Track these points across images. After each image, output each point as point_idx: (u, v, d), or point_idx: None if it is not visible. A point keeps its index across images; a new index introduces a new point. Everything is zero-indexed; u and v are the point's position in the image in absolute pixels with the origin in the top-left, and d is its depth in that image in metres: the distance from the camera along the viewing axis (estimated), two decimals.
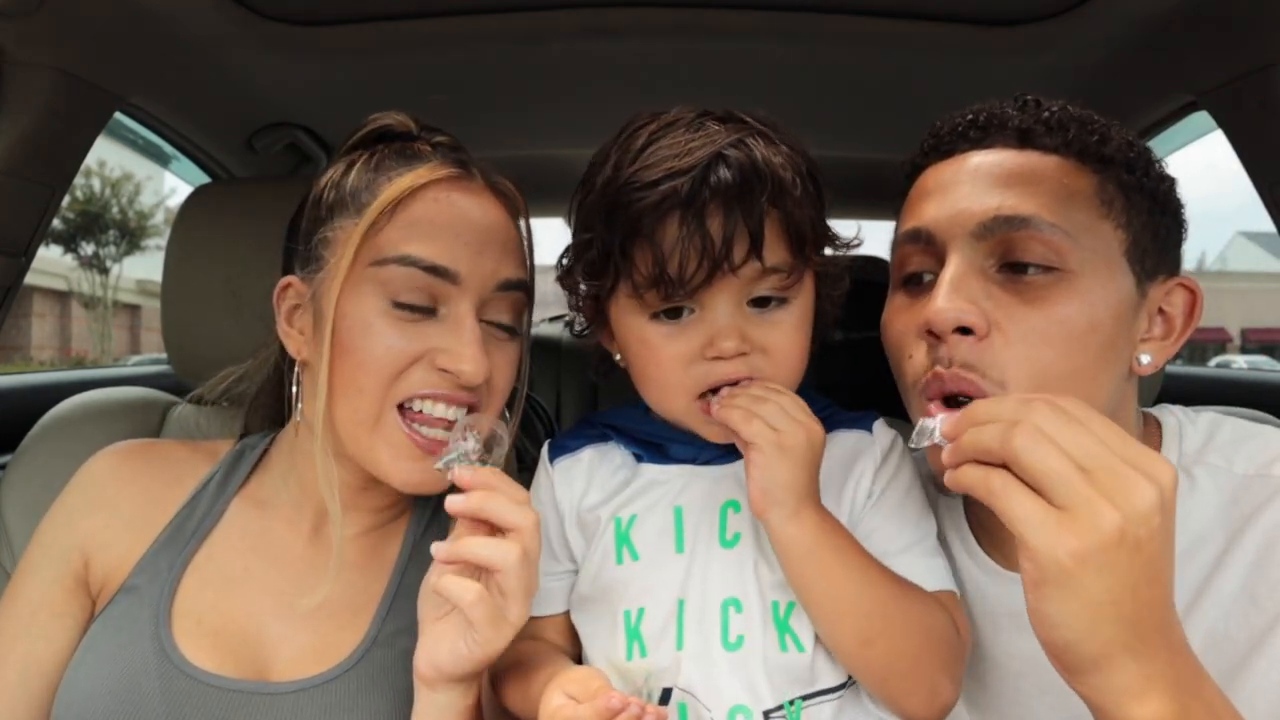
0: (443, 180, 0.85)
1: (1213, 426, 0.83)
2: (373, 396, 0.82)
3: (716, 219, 0.73)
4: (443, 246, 0.82)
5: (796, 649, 0.77)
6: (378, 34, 1.33)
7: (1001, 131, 0.79)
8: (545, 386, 2.16)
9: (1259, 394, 1.77)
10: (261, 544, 0.89)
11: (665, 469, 0.87)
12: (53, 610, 0.86)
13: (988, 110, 0.82)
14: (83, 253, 20.89)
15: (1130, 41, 1.25)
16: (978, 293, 0.76)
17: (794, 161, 0.77)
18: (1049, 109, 0.81)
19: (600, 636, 0.84)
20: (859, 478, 0.85)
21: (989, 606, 0.85)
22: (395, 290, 0.82)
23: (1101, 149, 0.77)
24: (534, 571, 0.73)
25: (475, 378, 0.81)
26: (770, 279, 0.77)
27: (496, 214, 0.88)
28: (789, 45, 1.36)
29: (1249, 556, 0.74)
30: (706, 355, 0.78)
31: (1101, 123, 0.80)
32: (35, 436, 1.12)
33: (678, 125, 0.77)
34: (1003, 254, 0.76)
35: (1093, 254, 0.75)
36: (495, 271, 0.85)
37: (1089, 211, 0.76)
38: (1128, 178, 0.78)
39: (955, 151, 0.81)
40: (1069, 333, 0.74)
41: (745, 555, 0.80)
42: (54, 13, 1.04)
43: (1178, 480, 0.57)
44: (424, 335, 0.82)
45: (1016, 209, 0.75)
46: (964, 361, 0.75)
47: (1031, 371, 0.74)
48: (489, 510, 0.72)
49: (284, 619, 0.85)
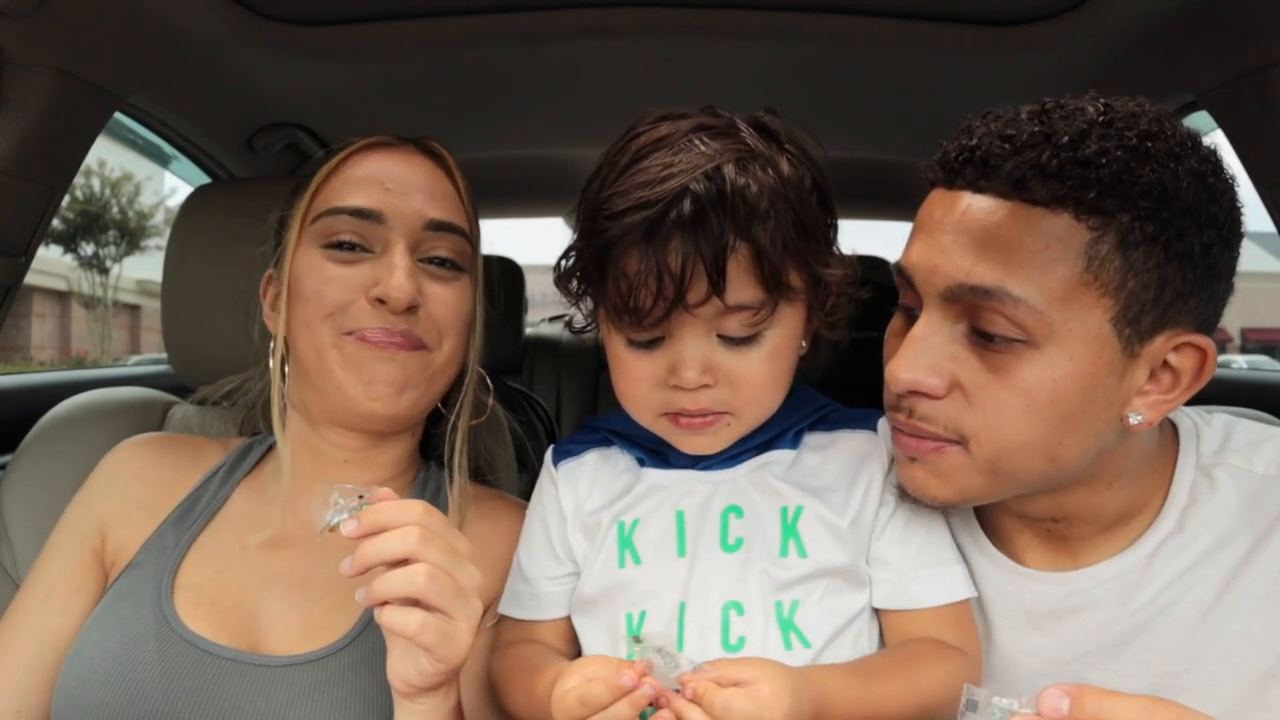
0: (368, 145, 0.96)
1: (1228, 428, 0.83)
2: (319, 328, 0.90)
3: (675, 256, 0.72)
4: (367, 193, 0.92)
5: (802, 645, 0.77)
6: (377, 34, 1.33)
7: (996, 174, 0.71)
8: (545, 386, 2.16)
9: (1259, 394, 1.77)
10: (258, 526, 0.93)
11: (667, 474, 0.87)
12: (69, 584, 0.90)
13: (995, 137, 0.72)
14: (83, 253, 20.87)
15: (1130, 41, 1.25)
16: (941, 354, 0.74)
17: (780, 186, 0.75)
18: (1060, 142, 0.69)
19: (601, 639, 0.84)
20: (868, 484, 0.84)
21: (1007, 605, 0.85)
22: (327, 235, 0.91)
23: (1093, 197, 0.67)
24: (456, 574, 0.70)
25: (401, 299, 0.87)
26: (738, 315, 0.75)
27: (422, 165, 0.96)
28: (789, 45, 1.36)
29: (1275, 561, 0.74)
30: (669, 383, 0.78)
31: (1120, 156, 0.67)
32: (35, 436, 1.12)
33: (665, 143, 0.76)
34: (970, 319, 0.73)
35: (1065, 325, 0.69)
36: (420, 212, 0.93)
37: (1070, 280, 0.68)
38: (1139, 232, 0.67)
39: (955, 184, 0.74)
40: (1029, 404, 0.71)
41: (747, 560, 0.80)
42: (54, 13, 1.04)
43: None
44: (358, 273, 0.90)
45: (983, 279, 0.70)
46: (922, 415, 0.75)
47: (990, 436, 0.73)
48: (370, 558, 0.69)
49: (280, 597, 0.88)
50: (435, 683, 0.72)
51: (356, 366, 0.89)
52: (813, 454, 0.87)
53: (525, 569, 0.90)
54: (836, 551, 0.80)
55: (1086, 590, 0.80)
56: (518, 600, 0.90)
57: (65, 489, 0.99)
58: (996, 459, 0.74)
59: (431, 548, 0.69)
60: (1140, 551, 0.79)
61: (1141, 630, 0.78)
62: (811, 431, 0.88)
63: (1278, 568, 0.74)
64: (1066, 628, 0.81)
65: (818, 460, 0.86)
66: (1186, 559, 0.78)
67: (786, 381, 0.83)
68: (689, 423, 0.81)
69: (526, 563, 0.91)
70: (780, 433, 0.87)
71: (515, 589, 0.91)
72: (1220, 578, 0.76)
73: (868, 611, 0.82)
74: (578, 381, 2.17)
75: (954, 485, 0.77)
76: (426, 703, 0.74)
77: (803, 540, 0.80)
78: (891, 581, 0.82)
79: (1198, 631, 0.76)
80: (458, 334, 0.95)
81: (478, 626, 0.72)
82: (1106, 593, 0.80)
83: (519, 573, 0.91)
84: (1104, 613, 0.79)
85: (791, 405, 0.87)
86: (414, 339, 0.90)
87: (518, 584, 0.91)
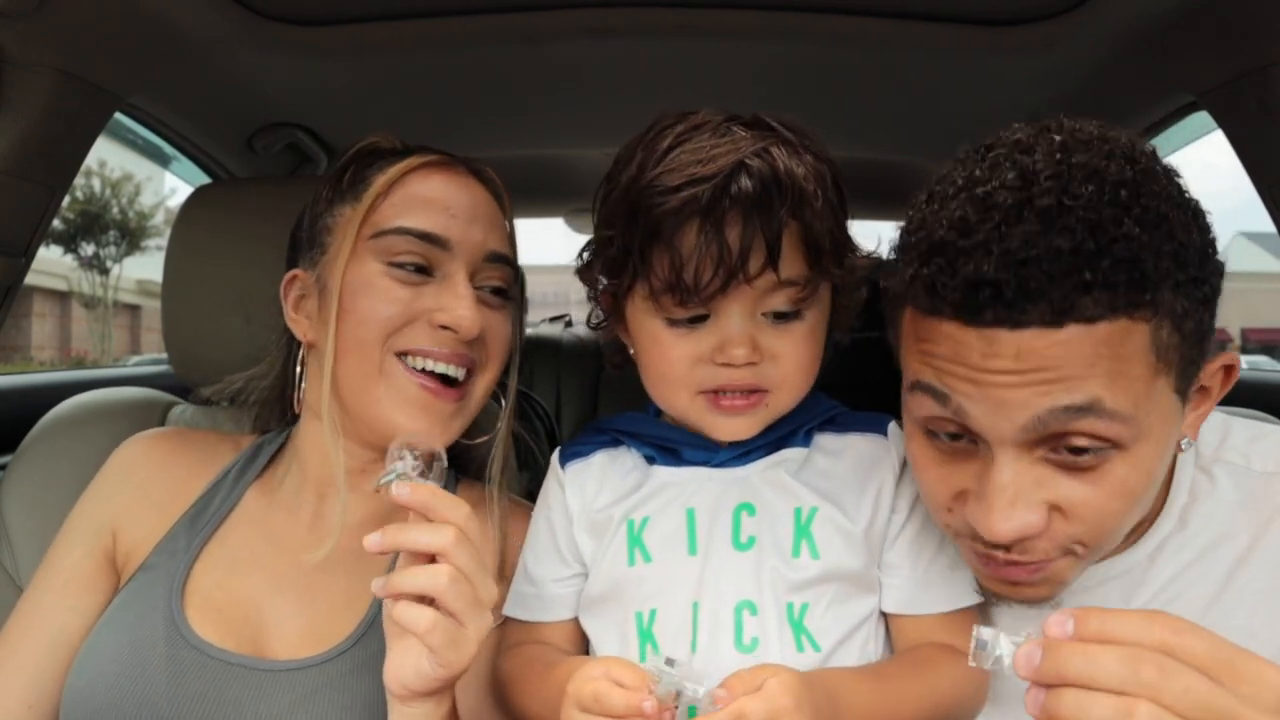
0: (430, 164, 0.94)
1: (1225, 426, 0.83)
2: (374, 348, 0.89)
3: (735, 228, 0.74)
4: (434, 218, 0.91)
5: (813, 649, 0.77)
6: (378, 34, 1.32)
7: (1037, 307, 0.62)
8: (545, 386, 2.15)
9: (1259, 394, 1.77)
10: (266, 531, 0.93)
11: (678, 471, 0.87)
12: (82, 583, 0.91)
13: (1009, 259, 0.62)
14: (83, 253, 20.87)
15: (1130, 41, 1.25)
16: (1033, 493, 0.68)
17: (818, 171, 0.77)
18: (1087, 249, 0.61)
19: (611, 638, 0.84)
20: (879, 489, 0.84)
21: (1011, 605, 0.84)
22: (391, 254, 0.90)
23: (1146, 297, 0.62)
24: (478, 584, 0.70)
25: (471, 329, 0.88)
26: (785, 291, 0.78)
27: (481, 193, 0.96)
28: (789, 45, 1.36)
29: (1275, 556, 0.74)
30: (716, 360, 0.79)
31: (1141, 237, 0.62)
32: (36, 436, 1.12)
33: (704, 129, 0.77)
34: (1056, 442, 0.67)
35: (1148, 419, 0.66)
36: (484, 242, 0.93)
37: (1146, 378, 0.65)
38: (1180, 302, 0.64)
39: (980, 323, 0.64)
40: (1128, 497, 0.69)
41: (759, 558, 0.80)
42: (54, 13, 1.04)
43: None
44: (421, 295, 0.90)
45: (1075, 398, 0.64)
46: (1023, 549, 0.70)
47: (1096, 537, 0.71)
48: (404, 544, 0.71)
49: (286, 602, 0.88)
50: (432, 688, 0.72)
51: (403, 406, 0.89)
52: (824, 455, 0.87)
53: (531, 570, 0.90)
54: (848, 555, 0.81)
55: (1091, 588, 0.81)
56: (523, 602, 0.90)
57: (65, 489, 0.99)
58: (1102, 548, 0.73)
59: (463, 552, 0.70)
60: (1143, 549, 0.80)
61: None
62: (822, 432, 0.89)
63: (1277, 562, 0.74)
64: None
65: (829, 462, 0.86)
66: (1188, 555, 0.78)
67: (817, 366, 0.84)
68: (730, 404, 0.81)
69: (533, 564, 0.91)
70: (792, 431, 0.87)
71: (521, 590, 0.90)
72: (1221, 573, 0.76)
73: (876, 615, 0.83)
74: (578, 381, 2.17)
75: (1063, 582, 0.75)
76: (419, 708, 0.74)
77: (816, 542, 0.80)
78: (903, 588, 0.82)
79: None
80: (501, 359, 0.97)
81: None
82: (1110, 590, 0.80)
83: (525, 574, 0.91)
84: None
85: (802, 405, 0.87)
86: (467, 360, 0.92)
87: (524, 585, 0.91)
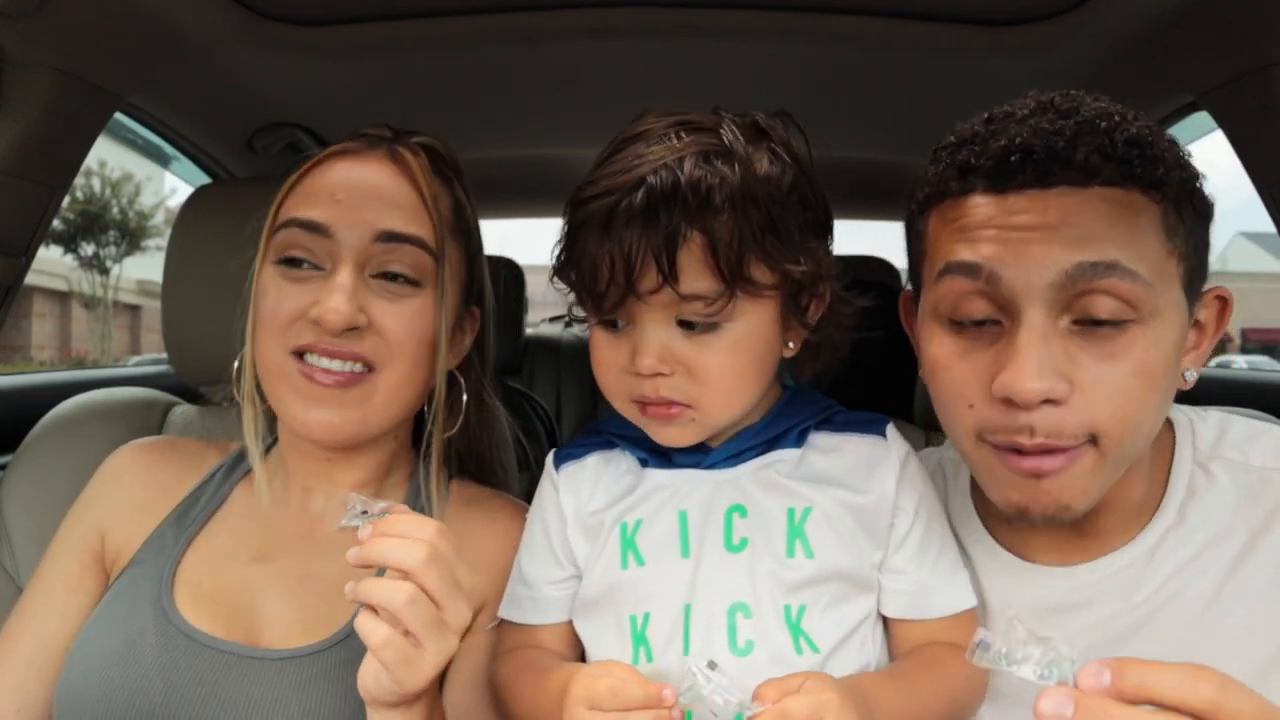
0: (336, 154, 0.93)
1: (1223, 423, 0.84)
2: (272, 349, 0.88)
3: (628, 243, 0.74)
4: (316, 206, 0.89)
5: (812, 651, 0.77)
6: (378, 34, 1.33)
7: (1067, 166, 0.70)
8: (545, 386, 2.16)
9: (1259, 394, 1.77)
10: (255, 524, 0.93)
11: (670, 473, 0.87)
12: (69, 585, 0.90)
13: (1045, 133, 0.72)
14: (83, 253, 20.87)
15: (1130, 41, 1.25)
16: (1059, 354, 0.71)
17: (753, 183, 0.75)
18: (1111, 126, 0.71)
19: (605, 641, 0.83)
20: (880, 491, 0.84)
21: (1013, 601, 0.85)
22: (281, 250, 0.89)
23: (1158, 173, 0.70)
24: (446, 607, 0.69)
25: (336, 322, 0.84)
26: (693, 304, 0.76)
27: (382, 174, 0.91)
28: (789, 45, 1.36)
29: (1274, 552, 0.75)
30: (630, 370, 0.79)
31: (1148, 135, 0.72)
32: (36, 436, 1.12)
33: (642, 138, 0.78)
34: (1074, 311, 0.71)
35: (1163, 297, 0.71)
36: (370, 223, 0.88)
37: (1159, 252, 0.71)
38: (1183, 198, 0.72)
39: (1011, 186, 0.72)
40: (1147, 380, 0.71)
41: (753, 560, 0.80)
42: (54, 13, 1.04)
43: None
44: (307, 292, 0.87)
45: (1103, 253, 0.69)
46: (1050, 429, 0.71)
47: (1119, 425, 0.72)
48: (375, 557, 0.69)
49: (278, 593, 0.88)
50: (392, 700, 0.71)
51: (301, 400, 0.87)
52: (819, 454, 0.86)
53: (526, 572, 0.90)
54: (843, 554, 0.80)
55: (1091, 585, 0.81)
56: (518, 604, 0.89)
57: (65, 489, 0.99)
58: (1124, 446, 0.73)
59: (432, 570, 0.68)
60: (1142, 545, 0.80)
61: (1145, 623, 0.78)
62: (817, 431, 0.88)
63: (1276, 559, 0.74)
64: (1072, 622, 0.81)
65: (825, 462, 0.85)
66: (1187, 552, 0.78)
67: (754, 379, 0.82)
68: (654, 412, 0.81)
69: (527, 566, 0.90)
70: (784, 431, 0.86)
71: (516, 593, 0.90)
72: (1220, 570, 0.76)
73: (874, 617, 0.82)
74: (578, 382, 2.17)
75: (1087, 491, 0.74)
76: (386, 716, 0.73)
77: (810, 541, 0.80)
78: (909, 593, 0.82)
79: (1200, 623, 0.76)
80: (411, 353, 0.90)
81: (464, 638, 0.72)
82: (1111, 587, 0.80)
83: (520, 577, 0.91)
84: (1108, 607, 0.80)
85: (795, 405, 0.87)
86: (355, 353, 0.87)
87: (518, 588, 0.90)
